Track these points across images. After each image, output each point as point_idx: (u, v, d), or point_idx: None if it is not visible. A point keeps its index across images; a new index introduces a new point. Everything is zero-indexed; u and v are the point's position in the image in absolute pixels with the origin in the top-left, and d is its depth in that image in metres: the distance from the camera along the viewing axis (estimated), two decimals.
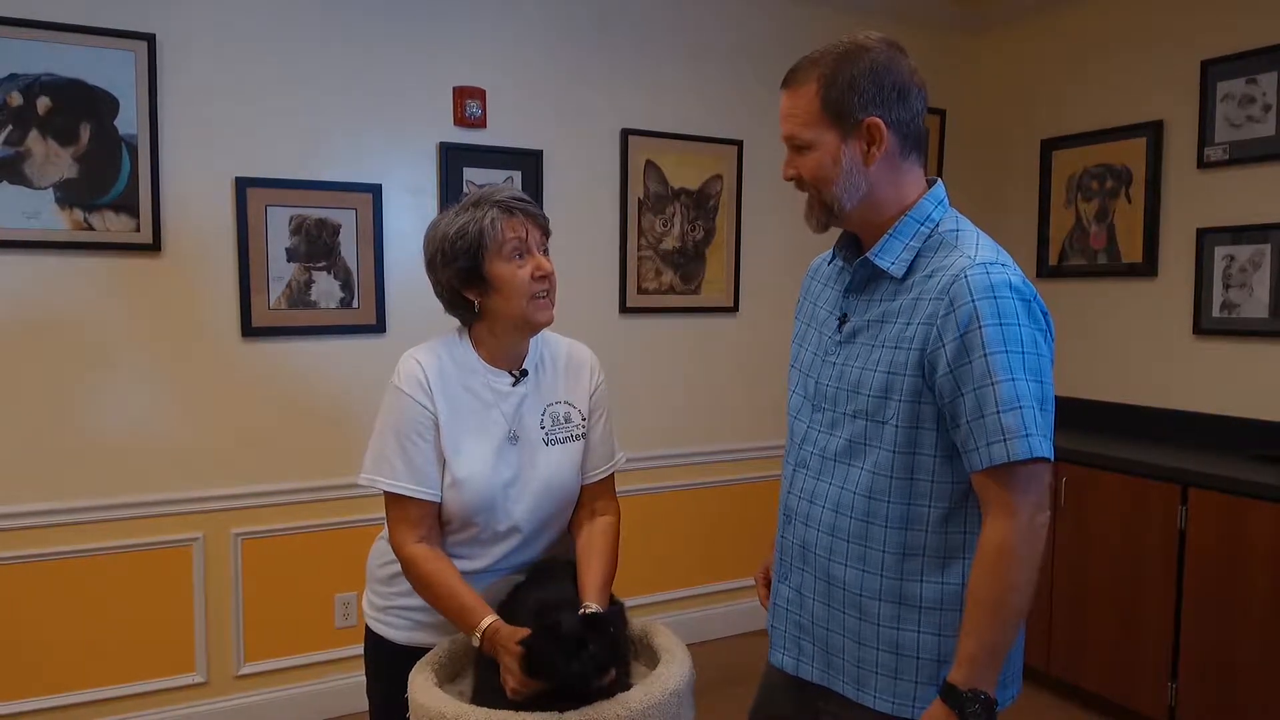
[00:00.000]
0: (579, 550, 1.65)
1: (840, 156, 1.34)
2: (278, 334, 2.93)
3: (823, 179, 1.37)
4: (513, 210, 1.57)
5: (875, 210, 1.38)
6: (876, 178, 1.36)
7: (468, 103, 3.16)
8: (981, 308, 1.25)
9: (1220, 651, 2.76)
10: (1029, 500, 1.25)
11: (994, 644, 1.25)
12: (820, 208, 1.40)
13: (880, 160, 1.35)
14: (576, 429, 1.68)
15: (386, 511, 1.59)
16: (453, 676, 1.55)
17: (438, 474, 1.57)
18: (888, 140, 1.34)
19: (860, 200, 1.37)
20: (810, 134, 1.35)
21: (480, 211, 1.56)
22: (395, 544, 1.57)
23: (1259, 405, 3.19)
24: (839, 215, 1.39)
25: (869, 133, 1.33)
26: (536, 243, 1.59)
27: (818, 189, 1.38)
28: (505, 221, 1.55)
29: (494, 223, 1.54)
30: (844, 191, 1.36)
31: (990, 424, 1.23)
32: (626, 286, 3.51)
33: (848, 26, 3.79)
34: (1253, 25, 3.19)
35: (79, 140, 2.63)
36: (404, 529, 1.56)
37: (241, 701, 2.94)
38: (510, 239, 1.55)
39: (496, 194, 1.59)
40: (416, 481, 1.55)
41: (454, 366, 1.61)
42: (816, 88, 1.34)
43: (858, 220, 1.41)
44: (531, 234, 1.58)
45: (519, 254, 1.56)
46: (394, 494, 1.55)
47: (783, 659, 1.52)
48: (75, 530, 2.71)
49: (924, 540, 1.34)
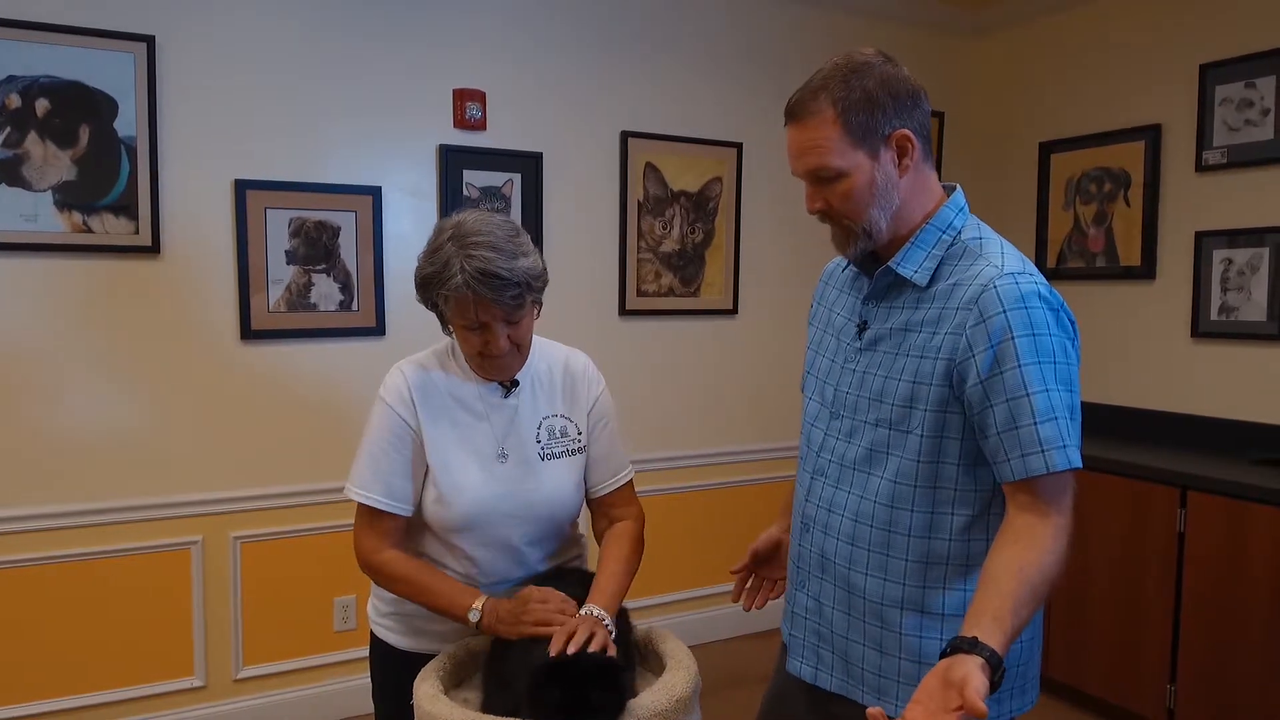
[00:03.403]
0: (599, 555, 1.64)
1: (875, 177, 1.31)
2: (277, 337, 2.92)
3: (858, 205, 1.32)
4: (478, 293, 1.43)
5: (903, 221, 1.36)
6: (907, 188, 1.34)
7: (468, 105, 3.16)
8: (1013, 318, 1.24)
9: (1219, 655, 2.76)
10: (1063, 507, 1.25)
11: (1024, 621, 1.17)
12: (858, 236, 1.35)
13: (911, 171, 1.34)
14: (574, 442, 1.65)
15: (355, 521, 1.57)
16: (458, 683, 1.54)
17: (411, 489, 1.56)
18: (918, 149, 1.33)
19: (893, 215, 1.35)
20: (841, 161, 1.30)
21: (450, 269, 1.44)
22: (364, 552, 1.56)
23: (1257, 408, 3.20)
24: (878, 238, 1.36)
25: (899, 145, 1.31)
26: (499, 319, 1.48)
27: (852, 216, 1.34)
28: (460, 300, 1.45)
29: (454, 292, 1.44)
30: (880, 212, 1.33)
31: (1025, 436, 1.23)
32: (626, 289, 3.51)
33: (848, 28, 3.82)
34: (1251, 29, 3.20)
35: (78, 142, 2.62)
36: (372, 538, 1.55)
37: (241, 705, 2.94)
38: (468, 317, 1.47)
39: (474, 252, 1.43)
40: (383, 493, 1.54)
41: (443, 378, 1.60)
42: (834, 113, 1.29)
43: (889, 235, 1.37)
44: (493, 315, 1.47)
45: (473, 328, 1.49)
46: (363, 504, 1.55)
47: (801, 667, 1.51)
48: (74, 534, 2.70)
49: (946, 549, 1.33)
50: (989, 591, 1.17)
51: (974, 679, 1.05)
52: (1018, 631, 1.15)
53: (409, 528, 1.60)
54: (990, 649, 1.10)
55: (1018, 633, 1.15)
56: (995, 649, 1.10)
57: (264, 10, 2.85)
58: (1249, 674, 2.69)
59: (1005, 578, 1.18)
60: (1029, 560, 1.19)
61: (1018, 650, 1.36)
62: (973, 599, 1.20)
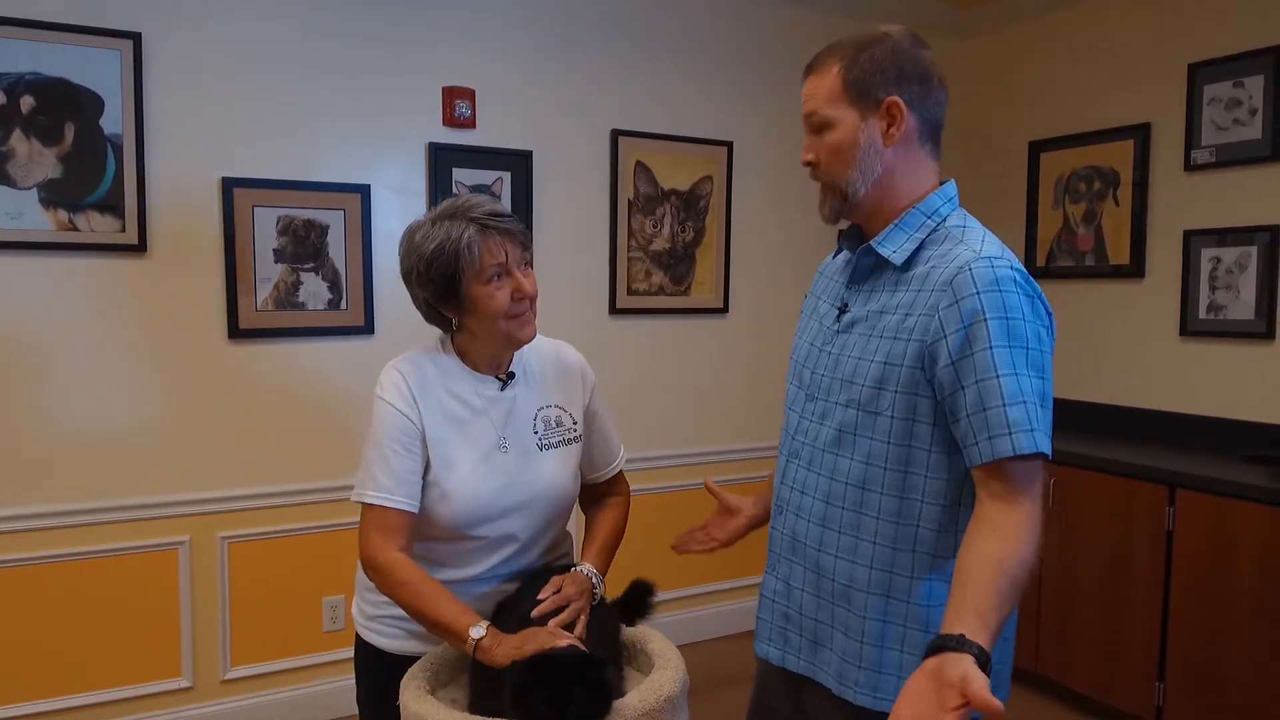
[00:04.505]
0: (586, 529, 1.67)
1: (859, 136, 1.34)
2: (265, 336, 2.91)
3: (841, 160, 1.36)
4: (490, 230, 1.50)
5: (887, 197, 1.38)
6: (892, 161, 1.36)
7: (457, 103, 3.14)
8: (986, 300, 1.24)
9: (1207, 652, 2.77)
10: (1031, 494, 1.23)
11: (1005, 617, 1.16)
12: (834, 194, 1.39)
13: (898, 143, 1.35)
14: (569, 432, 1.66)
15: (361, 520, 1.54)
16: (445, 683, 1.54)
17: (419, 485, 1.54)
18: (907, 121, 1.34)
19: (874, 184, 1.36)
20: (831, 111, 1.35)
21: (457, 229, 1.49)
22: (372, 550, 1.50)
23: (1245, 406, 3.21)
24: (852, 201, 1.38)
25: (889, 112, 1.34)
26: (517, 261, 1.53)
27: (833, 172, 1.38)
28: (483, 244, 1.49)
29: (471, 245, 1.48)
30: (860, 174, 1.36)
31: (994, 418, 1.22)
32: (616, 287, 3.50)
33: (835, 27, 3.81)
34: (1239, 29, 3.21)
35: (63, 140, 2.61)
36: (383, 537, 1.51)
37: (228, 706, 2.92)
38: (490, 264, 1.50)
39: (473, 208, 1.51)
40: (394, 491, 1.51)
41: (438, 374, 1.58)
42: (839, 69, 1.35)
43: (869, 208, 1.39)
44: (511, 253, 1.52)
45: (498, 275, 1.51)
46: (371, 503, 1.51)
47: (768, 650, 1.53)
48: (59, 534, 2.68)
49: (915, 535, 1.33)
50: (969, 587, 1.16)
51: (975, 677, 1.03)
52: (1000, 626, 1.15)
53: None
54: (978, 646, 1.09)
55: (1000, 627, 1.15)
56: (983, 645, 1.09)
57: (252, 8, 2.84)
58: (1237, 671, 2.70)
59: (984, 572, 1.16)
60: (1007, 552, 1.18)
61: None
62: (951, 593, 1.19)
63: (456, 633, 1.43)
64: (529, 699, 1.29)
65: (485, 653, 1.39)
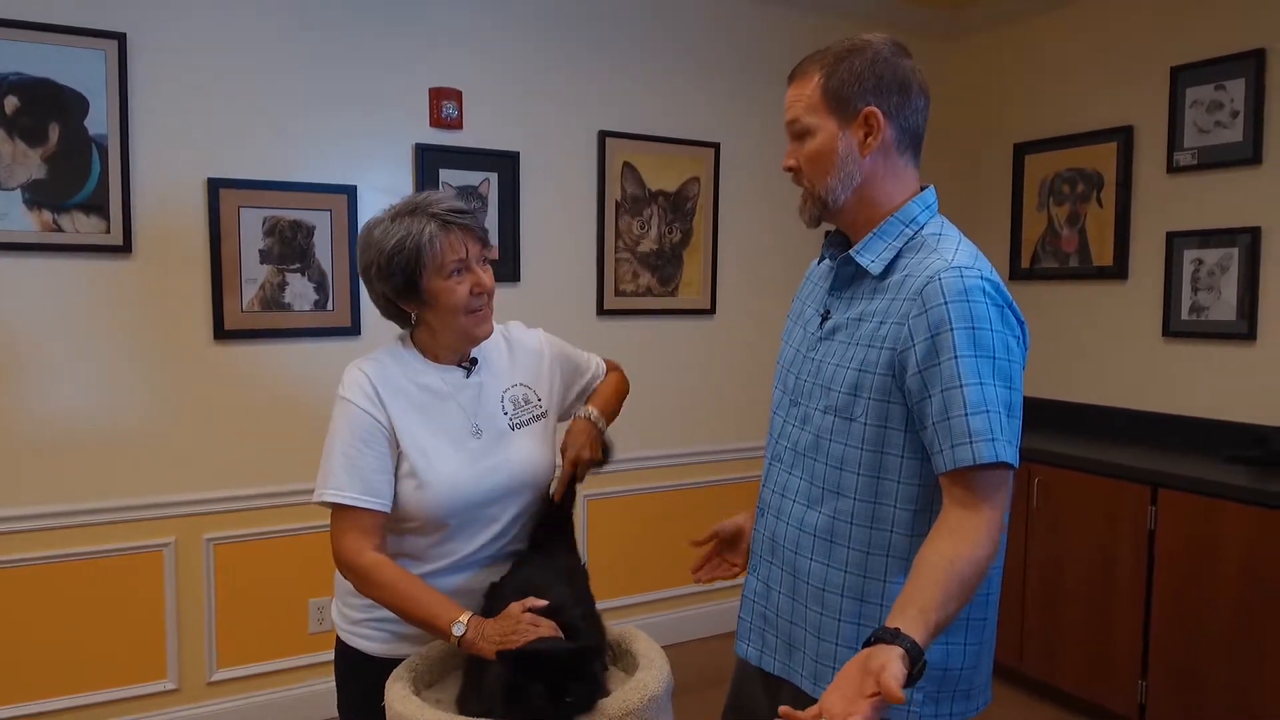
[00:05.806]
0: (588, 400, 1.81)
1: (837, 145, 1.36)
2: (251, 337, 2.90)
3: (820, 167, 1.38)
4: (451, 225, 1.52)
5: (867, 205, 1.40)
6: (871, 170, 1.38)
7: (444, 104, 3.14)
8: (953, 310, 1.26)
9: (1189, 650, 2.80)
10: (993, 501, 1.25)
11: (950, 615, 1.18)
12: (814, 201, 1.41)
13: (876, 152, 1.37)
14: (537, 408, 1.70)
15: (333, 524, 1.54)
16: (430, 683, 1.54)
17: (389, 485, 1.54)
18: (885, 131, 1.36)
19: (853, 192, 1.38)
20: (811, 119, 1.38)
21: (418, 224, 1.50)
22: (349, 554, 1.51)
23: (1227, 407, 3.24)
24: (832, 208, 1.41)
25: (866, 122, 1.36)
26: (476, 257, 1.55)
27: (813, 179, 1.40)
28: (445, 239, 1.51)
29: (433, 240, 1.50)
30: (838, 181, 1.38)
31: (956, 427, 1.24)
32: (604, 289, 3.51)
33: (821, 29, 3.83)
34: (1221, 33, 3.24)
35: (48, 140, 2.59)
36: (357, 538, 1.51)
37: (214, 708, 2.91)
38: (451, 259, 1.52)
39: (434, 204, 1.53)
40: (364, 491, 1.51)
41: (401, 369, 1.60)
42: (819, 78, 1.37)
43: (849, 215, 1.42)
44: (471, 249, 1.54)
45: (458, 270, 1.53)
46: (342, 505, 1.51)
47: (747, 650, 1.57)
48: (44, 535, 2.67)
49: (889, 540, 1.35)
50: (918, 583, 1.19)
51: (891, 666, 1.06)
52: (943, 624, 1.17)
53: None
54: (911, 640, 1.11)
55: (943, 625, 1.17)
56: (916, 640, 1.11)
57: (237, 8, 2.83)
58: (1219, 669, 2.72)
59: (935, 570, 1.19)
60: (960, 554, 1.20)
61: (961, 654, 1.37)
62: (903, 588, 1.22)
63: (440, 630, 1.46)
64: (523, 696, 1.30)
65: (470, 646, 1.42)
